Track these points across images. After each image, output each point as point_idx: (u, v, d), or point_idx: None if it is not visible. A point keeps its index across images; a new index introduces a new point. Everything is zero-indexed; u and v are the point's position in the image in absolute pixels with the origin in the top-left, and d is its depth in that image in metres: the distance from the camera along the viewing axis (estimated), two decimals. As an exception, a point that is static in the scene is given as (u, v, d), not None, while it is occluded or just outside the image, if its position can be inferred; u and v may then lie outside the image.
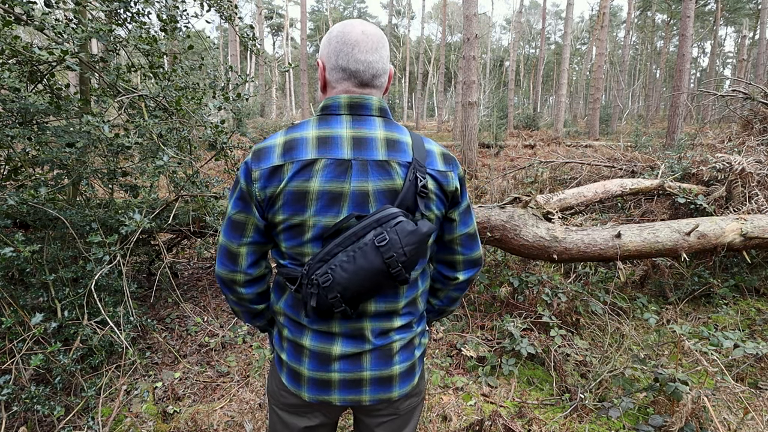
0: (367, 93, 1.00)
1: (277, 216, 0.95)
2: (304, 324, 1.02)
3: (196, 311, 3.26)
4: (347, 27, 0.97)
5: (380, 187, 0.94)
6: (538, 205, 3.13)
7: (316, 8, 48.09)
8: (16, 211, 2.16)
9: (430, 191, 0.98)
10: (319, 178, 0.92)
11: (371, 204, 0.94)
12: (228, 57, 18.86)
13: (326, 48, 0.99)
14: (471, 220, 1.10)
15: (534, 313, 2.96)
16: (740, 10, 31.89)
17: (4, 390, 1.80)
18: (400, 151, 0.97)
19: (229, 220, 0.99)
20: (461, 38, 9.74)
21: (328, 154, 0.93)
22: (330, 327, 1.01)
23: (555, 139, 15.88)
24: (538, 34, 42.01)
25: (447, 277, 1.13)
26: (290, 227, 0.95)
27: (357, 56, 0.96)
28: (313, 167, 0.92)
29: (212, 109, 2.62)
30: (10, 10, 2.10)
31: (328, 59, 0.99)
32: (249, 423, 2.13)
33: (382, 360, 1.03)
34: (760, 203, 3.65)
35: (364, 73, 0.97)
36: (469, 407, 2.28)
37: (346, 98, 0.97)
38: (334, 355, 1.01)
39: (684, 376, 2.09)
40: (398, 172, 0.95)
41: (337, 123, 0.97)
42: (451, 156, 1.05)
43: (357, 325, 1.01)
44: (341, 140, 0.94)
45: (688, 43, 9.88)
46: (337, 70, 0.98)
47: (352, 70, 0.97)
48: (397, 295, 1.02)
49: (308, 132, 0.95)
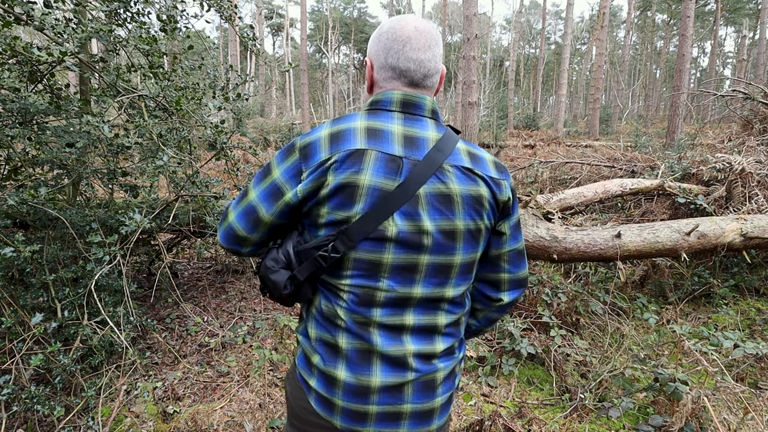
0: (420, 92, 0.94)
1: (321, 208, 0.87)
2: (340, 344, 0.91)
3: (196, 311, 3.26)
4: (400, 23, 0.92)
5: (432, 191, 0.88)
6: (538, 205, 3.13)
7: (316, 8, 48.10)
8: (16, 211, 2.16)
9: (484, 198, 0.92)
10: (370, 172, 0.85)
11: (424, 209, 0.88)
12: (228, 57, 18.86)
13: (375, 45, 0.94)
14: (521, 235, 1.02)
15: (534, 313, 2.96)
16: (740, 10, 31.89)
17: (4, 390, 1.80)
18: (452, 155, 0.91)
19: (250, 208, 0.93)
20: (461, 38, 9.74)
21: (378, 146, 0.86)
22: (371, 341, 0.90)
23: (555, 139, 15.89)
24: (538, 34, 42.02)
25: (489, 298, 1.04)
26: (333, 222, 0.88)
27: (408, 54, 0.90)
28: (363, 158, 0.85)
29: (212, 109, 2.62)
30: (10, 10, 2.10)
31: (377, 57, 0.93)
32: (249, 423, 2.13)
33: (425, 392, 0.94)
34: (760, 203, 3.65)
35: (416, 72, 0.91)
36: (469, 407, 2.28)
37: (399, 94, 0.92)
38: (373, 387, 0.91)
39: (684, 376, 2.09)
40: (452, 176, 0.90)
41: (388, 118, 0.91)
42: (502, 164, 0.99)
43: (399, 347, 0.91)
44: (392, 135, 0.88)
45: (688, 43, 9.88)
46: (386, 68, 0.92)
47: (402, 69, 0.91)
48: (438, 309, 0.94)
49: (356, 123, 0.89)
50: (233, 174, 2.94)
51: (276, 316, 3.23)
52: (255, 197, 0.92)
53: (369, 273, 0.89)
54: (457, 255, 0.92)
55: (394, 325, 0.91)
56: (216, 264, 4.19)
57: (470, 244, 0.93)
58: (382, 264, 0.88)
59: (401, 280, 0.90)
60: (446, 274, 0.92)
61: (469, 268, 0.96)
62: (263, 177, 0.92)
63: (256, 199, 0.92)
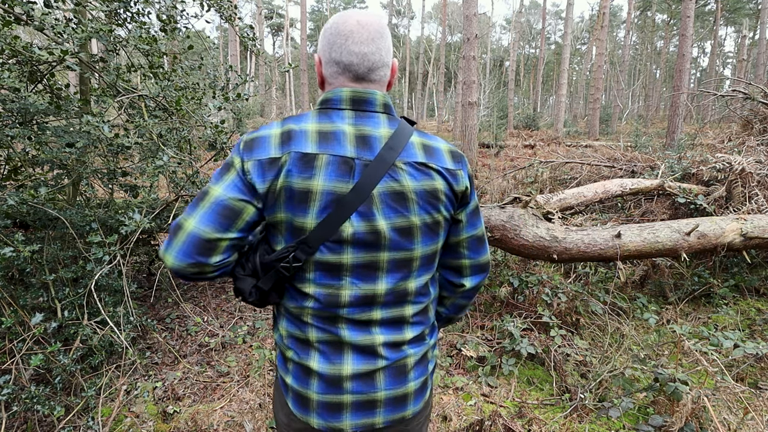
0: (368, 87, 0.92)
1: (277, 215, 0.87)
2: (310, 339, 0.93)
3: (196, 311, 3.26)
4: (342, 17, 0.91)
5: (386, 190, 0.88)
6: (538, 205, 3.13)
7: (316, 8, 48.08)
8: (16, 211, 2.16)
9: (440, 191, 0.92)
10: (322, 177, 0.85)
11: (378, 208, 0.88)
12: (228, 57, 18.87)
13: (321, 41, 0.93)
14: (479, 221, 1.03)
15: (534, 313, 2.96)
16: (740, 10, 31.89)
17: (4, 390, 1.80)
18: (405, 151, 0.91)
19: (217, 205, 0.84)
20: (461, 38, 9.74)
21: (329, 150, 0.86)
22: (339, 335, 0.92)
23: (555, 139, 15.89)
24: (538, 34, 42.01)
25: (453, 284, 1.07)
26: (290, 228, 0.88)
27: (350, 48, 0.89)
28: (315, 163, 0.85)
29: (212, 109, 2.62)
30: (10, 10, 2.10)
31: (323, 52, 0.92)
32: (249, 423, 2.13)
33: (396, 378, 0.96)
34: (760, 203, 3.65)
35: (359, 66, 0.90)
36: (469, 407, 2.28)
37: (348, 92, 0.91)
38: (345, 375, 0.93)
39: (684, 376, 2.09)
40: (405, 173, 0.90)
41: (339, 117, 0.90)
42: (459, 153, 0.99)
43: (367, 337, 0.93)
44: (343, 136, 0.88)
45: (688, 43, 9.88)
46: (331, 63, 0.91)
47: (345, 63, 0.90)
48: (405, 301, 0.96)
49: (307, 124, 0.88)
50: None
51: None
52: (221, 190, 0.85)
53: (331, 274, 0.90)
54: (416, 249, 0.93)
55: (361, 320, 0.93)
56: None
57: (428, 237, 0.94)
58: (342, 265, 0.89)
59: (364, 277, 0.91)
60: (408, 268, 0.94)
61: (431, 259, 0.98)
62: (225, 170, 0.88)
63: (224, 192, 0.85)
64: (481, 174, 8.77)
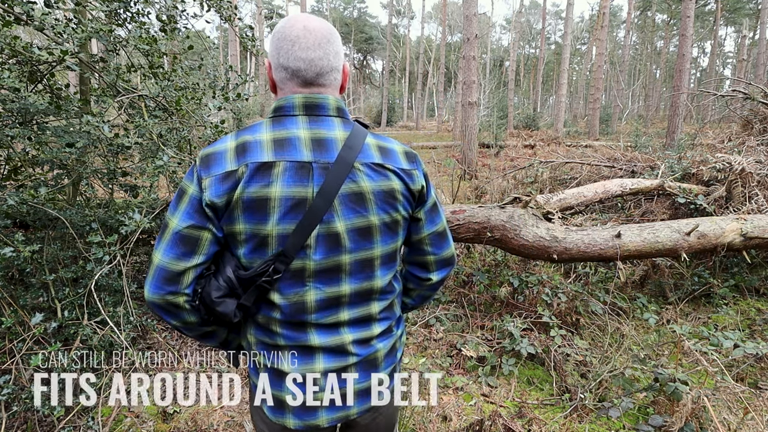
0: (319, 92, 0.93)
1: (235, 226, 0.87)
2: (280, 344, 0.94)
3: (196, 311, 3.26)
4: (289, 22, 0.91)
5: (345, 191, 0.89)
6: (538, 205, 3.13)
7: (316, 8, 48.09)
8: (16, 211, 2.16)
9: (396, 191, 0.94)
10: (280, 183, 0.85)
11: (337, 210, 0.89)
12: (228, 57, 18.86)
13: (270, 46, 0.93)
14: (439, 218, 1.05)
15: (534, 313, 2.96)
16: (740, 10, 31.89)
17: (4, 390, 1.80)
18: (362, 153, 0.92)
19: (175, 235, 0.85)
20: (461, 38, 9.74)
21: (286, 156, 0.86)
22: (308, 340, 0.94)
23: (555, 139, 15.89)
24: (538, 34, 42.00)
25: (420, 278, 1.10)
26: (251, 238, 0.87)
27: (297, 53, 0.89)
28: (272, 171, 0.85)
29: (212, 109, 2.62)
30: (10, 10, 2.10)
31: (272, 57, 0.92)
32: (249, 423, 2.14)
33: (367, 371, 0.99)
34: (760, 203, 3.65)
35: (306, 71, 0.90)
36: (469, 407, 2.28)
37: (300, 98, 0.91)
38: (318, 373, 0.95)
39: (684, 376, 2.09)
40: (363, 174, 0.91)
41: (293, 124, 0.90)
42: (413, 153, 1.01)
43: (336, 338, 0.95)
44: (299, 141, 0.88)
45: (688, 43, 9.88)
46: (280, 68, 0.91)
47: (293, 69, 0.90)
48: (370, 300, 0.98)
49: (262, 134, 0.88)
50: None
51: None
52: (177, 221, 0.86)
53: (294, 281, 0.91)
54: (376, 248, 0.95)
55: (329, 324, 0.95)
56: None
57: (388, 235, 0.96)
58: (305, 270, 0.90)
59: (327, 281, 0.92)
60: (370, 267, 0.96)
61: (392, 257, 1.00)
62: (179, 199, 0.88)
63: (179, 223, 0.86)
64: (481, 174, 8.77)
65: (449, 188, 6.89)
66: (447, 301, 3.37)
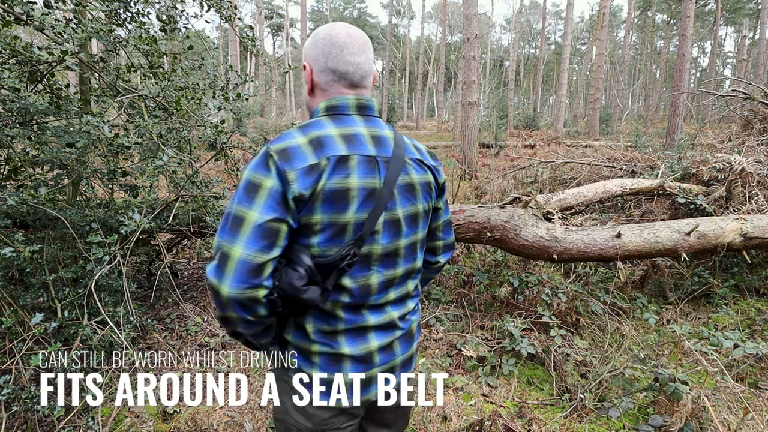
0: (363, 94, 1.03)
1: (313, 216, 0.91)
2: (339, 329, 0.99)
3: (196, 311, 3.26)
4: (333, 30, 1.00)
5: (402, 182, 1.01)
6: (538, 205, 3.13)
7: (316, 8, 48.09)
8: (16, 211, 2.16)
9: (431, 184, 1.08)
10: (356, 175, 0.93)
11: (397, 199, 1.00)
12: (228, 57, 18.87)
13: (313, 50, 1.01)
14: (448, 208, 1.23)
15: (534, 313, 2.96)
16: (740, 10, 31.90)
17: (4, 390, 1.80)
18: (407, 149, 1.04)
19: (258, 228, 0.86)
20: (461, 38, 9.74)
21: (357, 150, 0.94)
22: (365, 321, 1.02)
23: (555, 139, 15.88)
24: (538, 34, 42.00)
25: (429, 262, 1.23)
26: (329, 227, 0.92)
27: (346, 58, 0.99)
28: (349, 164, 0.92)
29: (212, 109, 2.62)
30: (10, 10, 2.10)
31: (316, 61, 1.00)
32: (249, 423, 2.14)
33: (407, 342, 1.11)
34: (760, 203, 3.65)
35: (354, 74, 1.00)
36: (469, 407, 2.28)
37: (353, 99, 1.00)
38: (373, 351, 1.03)
39: (684, 376, 2.09)
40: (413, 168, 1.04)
41: (353, 122, 0.99)
42: (433, 152, 1.16)
43: (386, 316, 1.05)
44: (363, 138, 0.97)
45: (688, 43, 9.88)
46: (327, 72, 1.00)
47: (342, 72, 0.99)
48: (409, 279, 1.10)
49: (329, 130, 0.95)
50: (233, 174, 2.94)
51: (276, 316, 3.23)
52: (258, 214, 0.86)
53: (362, 265, 0.99)
54: (420, 233, 1.09)
55: (381, 304, 1.05)
56: (216, 264, 4.19)
57: (426, 221, 1.11)
58: (372, 254, 0.99)
59: (387, 264, 1.03)
60: (415, 250, 1.09)
61: (425, 241, 1.16)
62: (254, 192, 0.88)
63: (261, 216, 0.86)
64: (481, 174, 8.77)
65: (449, 188, 6.90)
66: (447, 301, 3.37)
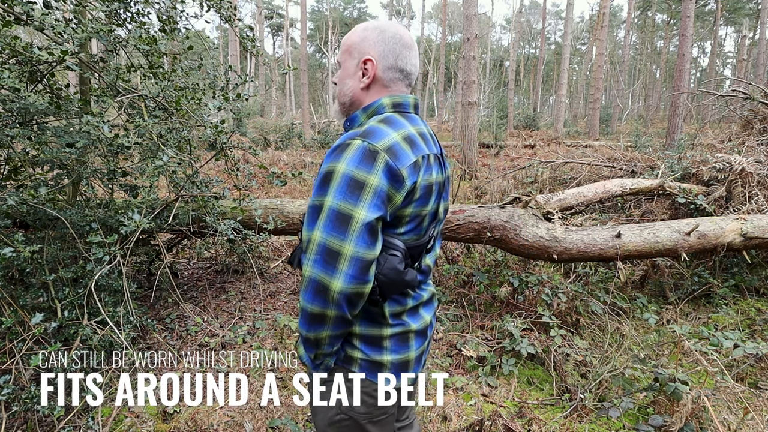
0: (412, 94, 1.10)
1: (407, 209, 0.97)
2: (409, 307, 1.07)
3: (196, 311, 3.26)
4: (400, 29, 1.04)
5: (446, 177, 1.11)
6: (538, 205, 3.13)
7: (316, 8, 48.07)
8: (16, 211, 2.16)
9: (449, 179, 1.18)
10: (435, 171, 1.01)
11: (444, 192, 1.11)
12: (228, 57, 18.87)
13: (381, 46, 1.02)
14: None
15: (534, 313, 2.96)
16: (740, 10, 31.89)
17: (4, 390, 1.80)
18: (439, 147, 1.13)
19: (366, 226, 0.88)
20: (461, 38, 9.74)
21: (430, 149, 1.02)
22: (423, 297, 1.11)
23: (555, 139, 15.88)
24: (538, 34, 41.99)
25: None
26: (415, 218, 0.99)
27: (412, 60, 1.05)
28: (430, 161, 1.00)
29: (212, 109, 2.62)
30: (10, 10, 2.10)
31: (383, 58, 1.02)
32: (249, 423, 2.14)
33: (433, 315, 1.19)
34: (760, 203, 3.65)
35: (413, 75, 1.07)
36: (469, 407, 2.28)
37: (412, 99, 1.06)
38: (428, 323, 1.13)
39: (684, 376, 2.09)
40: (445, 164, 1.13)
41: (417, 121, 1.04)
42: None
43: (429, 289, 1.16)
44: (428, 137, 1.04)
45: (688, 43, 9.88)
46: (395, 70, 1.03)
47: (407, 72, 1.05)
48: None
49: (410, 128, 0.99)
50: (233, 174, 2.94)
51: (276, 316, 3.23)
52: (366, 212, 0.88)
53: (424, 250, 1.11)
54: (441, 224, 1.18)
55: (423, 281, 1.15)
56: (216, 264, 4.19)
57: None
58: (429, 240, 1.10)
59: (433, 249, 1.17)
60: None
61: None
62: (359, 189, 0.89)
63: (367, 214, 0.88)
64: (481, 174, 8.77)
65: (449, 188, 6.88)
66: (447, 301, 3.37)
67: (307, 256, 0.91)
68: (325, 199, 0.89)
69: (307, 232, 0.92)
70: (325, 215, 0.89)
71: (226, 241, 3.61)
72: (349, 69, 1.05)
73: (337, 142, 0.95)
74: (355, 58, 1.03)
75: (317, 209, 0.91)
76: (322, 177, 0.92)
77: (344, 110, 1.10)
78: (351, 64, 1.04)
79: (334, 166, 0.90)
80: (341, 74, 1.08)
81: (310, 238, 0.90)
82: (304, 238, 0.94)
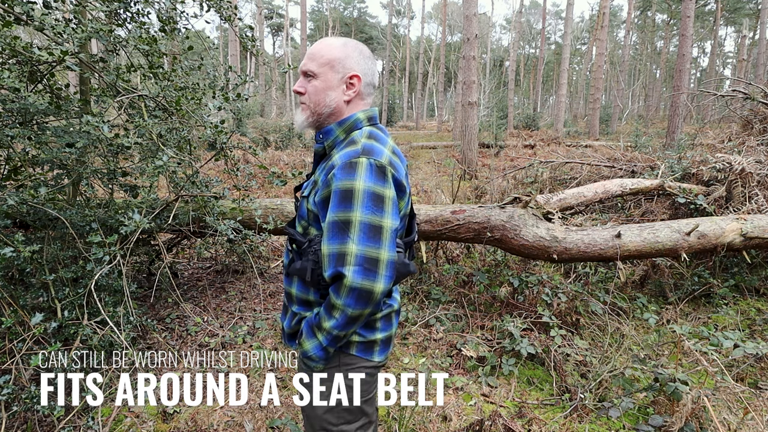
0: None
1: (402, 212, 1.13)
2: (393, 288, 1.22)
3: (196, 311, 3.26)
4: (366, 47, 1.17)
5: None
6: (538, 205, 3.13)
7: (316, 8, 48.06)
8: (16, 211, 2.16)
9: None
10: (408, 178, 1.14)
11: None
12: (228, 57, 18.86)
13: (363, 63, 1.12)
14: None
15: (534, 313, 2.96)
16: (740, 10, 31.89)
17: (4, 390, 1.80)
18: None
19: (393, 233, 1.03)
20: (461, 38, 9.74)
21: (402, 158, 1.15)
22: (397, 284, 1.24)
23: (555, 139, 15.88)
24: (538, 34, 41.99)
25: None
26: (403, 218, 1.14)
27: (377, 75, 1.17)
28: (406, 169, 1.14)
29: (212, 109, 2.62)
30: (10, 10, 2.10)
31: (365, 75, 1.13)
32: (249, 423, 2.14)
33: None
34: (760, 203, 3.65)
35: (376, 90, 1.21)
36: (469, 407, 2.28)
37: (377, 110, 1.18)
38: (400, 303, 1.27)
39: (684, 376, 2.08)
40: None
41: (384, 131, 1.16)
42: None
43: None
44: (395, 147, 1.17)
45: (688, 43, 9.88)
46: (371, 86, 1.16)
47: (375, 87, 1.18)
48: None
49: (389, 141, 1.13)
50: (233, 174, 2.94)
51: (276, 316, 3.23)
52: (391, 221, 1.02)
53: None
54: None
55: None
56: (216, 264, 4.19)
57: None
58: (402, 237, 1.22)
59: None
60: None
61: None
62: (381, 202, 1.01)
63: (392, 222, 1.03)
64: (481, 174, 8.77)
65: (449, 188, 6.89)
66: (447, 301, 3.37)
67: (345, 268, 0.98)
68: (351, 215, 0.98)
69: (329, 246, 1.00)
70: (358, 229, 0.98)
71: (226, 241, 3.61)
72: (331, 81, 1.10)
73: (343, 161, 1.01)
74: (339, 73, 1.10)
75: (342, 225, 0.98)
76: (341, 194, 0.98)
77: (318, 120, 1.14)
78: (334, 78, 1.10)
79: (351, 184, 0.98)
80: (321, 86, 1.10)
81: (341, 251, 0.99)
82: (325, 252, 1.01)
